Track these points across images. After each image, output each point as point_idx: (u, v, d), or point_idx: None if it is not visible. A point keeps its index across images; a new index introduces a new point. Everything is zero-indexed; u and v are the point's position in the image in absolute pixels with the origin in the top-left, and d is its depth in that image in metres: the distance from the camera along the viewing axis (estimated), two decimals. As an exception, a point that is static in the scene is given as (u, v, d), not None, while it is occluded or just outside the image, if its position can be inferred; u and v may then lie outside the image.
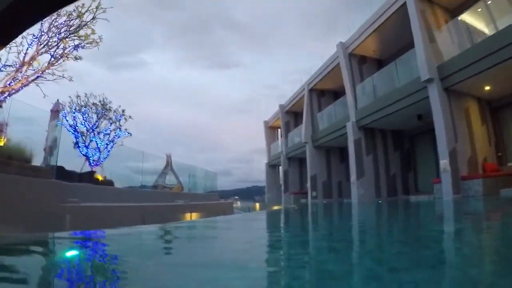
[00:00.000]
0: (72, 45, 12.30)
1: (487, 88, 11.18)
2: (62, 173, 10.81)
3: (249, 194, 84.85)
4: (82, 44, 12.53)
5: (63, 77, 12.83)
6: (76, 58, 12.92)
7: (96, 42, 12.52)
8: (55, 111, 13.64)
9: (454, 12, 12.31)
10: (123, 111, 15.88)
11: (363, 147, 15.31)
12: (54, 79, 12.69)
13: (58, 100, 13.56)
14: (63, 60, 12.66)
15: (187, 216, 10.11)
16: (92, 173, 13.47)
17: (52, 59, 12.38)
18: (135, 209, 7.64)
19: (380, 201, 13.58)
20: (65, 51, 12.38)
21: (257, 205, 24.47)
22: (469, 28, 11.18)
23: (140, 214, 7.51)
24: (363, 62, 17.11)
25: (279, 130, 30.48)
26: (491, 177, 10.05)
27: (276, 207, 17.16)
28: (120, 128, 15.68)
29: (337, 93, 20.80)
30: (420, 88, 11.47)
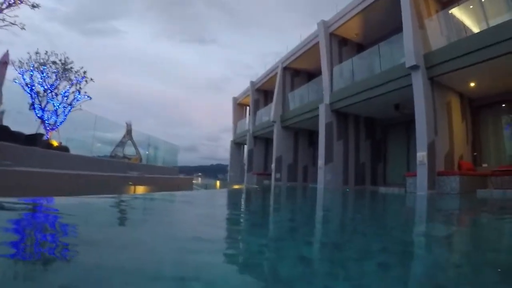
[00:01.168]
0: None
1: (472, 84, 10.84)
2: (5, 133, 9.77)
3: (213, 171, 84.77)
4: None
5: (14, 24, 11.39)
6: (33, 6, 11.57)
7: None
8: (3, 63, 12.23)
9: (446, 4, 11.75)
10: (84, 72, 14.70)
11: (334, 132, 14.66)
12: (5, 25, 11.28)
13: (7, 51, 12.13)
14: (17, 5, 11.25)
15: (138, 189, 8.95)
16: (40, 135, 12.20)
17: (4, 3, 10.97)
18: (72, 178, 6.47)
19: (347, 189, 13.08)
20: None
21: (218, 183, 23.61)
22: (459, 23, 10.76)
23: (77, 183, 6.36)
24: (344, 45, 16.31)
25: (247, 108, 29.46)
26: (468, 175, 9.70)
27: (236, 187, 16.34)
28: (79, 91, 14.53)
29: (312, 75, 20.01)
30: (403, 74, 10.85)
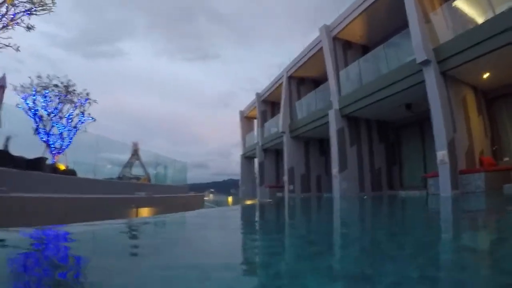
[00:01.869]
0: (21, 10, 11.02)
1: (486, 75, 10.26)
2: (5, 158, 9.58)
3: (226, 187, 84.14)
4: (33, 9, 11.25)
5: (8, 46, 11.30)
6: (28, 28, 11.60)
7: (49, 6, 11.26)
8: (0, 87, 12.24)
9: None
10: (87, 94, 14.62)
11: (346, 137, 14.10)
12: (-1, 48, 11.15)
13: (4, 74, 12.08)
14: (11, 26, 11.20)
15: (142, 211, 8.45)
16: (43, 159, 12.04)
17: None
18: (68, 202, 6.07)
19: (365, 196, 12.45)
20: (12, 16, 10.96)
21: (230, 199, 23.08)
22: (464, 16, 10.35)
23: (73, 207, 5.94)
24: (348, 48, 15.89)
25: (255, 120, 29.04)
26: (493, 171, 9.04)
27: (249, 202, 15.78)
28: (83, 113, 14.41)
29: (318, 82, 19.50)
30: (414, 72, 10.35)
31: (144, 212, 8.38)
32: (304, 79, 20.66)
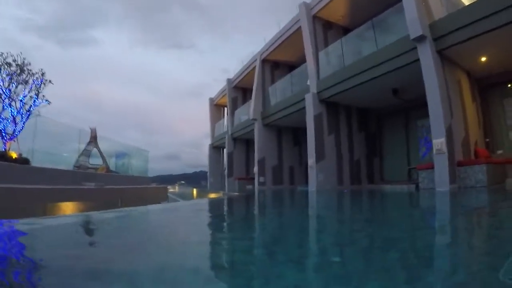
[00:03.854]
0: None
1: (483, 59, 9.23)
2: None
3: (197, 178, 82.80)
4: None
5: None
6: None
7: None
8: None
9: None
10: (42, 74, 13.03)
11: (324, 125, 12.76)
12: None
13: None
14: None
15: (65, 207, 6.56)
16: None
17: None
18: None
19: (345, 190, 11.23)
20: None
21: (194, 191, 21.52)
22: None
23: None
24: (329, 28, 14.52)
25: (225, 108, 27.36)
26: (496, 163, 7.99)
27: (213, 195, 14.31)
28: (37, 95, 12.84)
29: (293, 67, 18.08)
30: (406, 50, 9.14)
31: (69, 208, 6.51)
32: (278, 63, 19.20)
